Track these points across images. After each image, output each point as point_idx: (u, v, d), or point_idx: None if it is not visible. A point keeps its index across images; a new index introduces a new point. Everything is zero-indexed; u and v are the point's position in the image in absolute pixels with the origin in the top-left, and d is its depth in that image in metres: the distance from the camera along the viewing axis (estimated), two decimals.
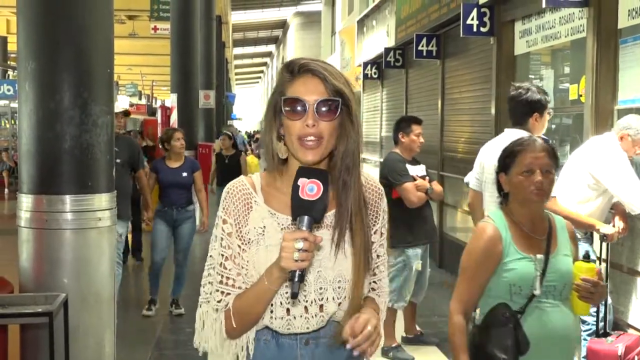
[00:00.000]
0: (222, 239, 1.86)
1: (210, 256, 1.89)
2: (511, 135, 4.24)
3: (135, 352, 5.66)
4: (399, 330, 5.68)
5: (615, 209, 4.58)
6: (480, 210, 4.42)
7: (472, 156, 7.85)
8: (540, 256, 2.57)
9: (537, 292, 2.53)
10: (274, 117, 1.85)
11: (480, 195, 4.43)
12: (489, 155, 4.30)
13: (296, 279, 1.67)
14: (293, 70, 1.82)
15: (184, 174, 6.66)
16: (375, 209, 1.95)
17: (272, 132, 1.86)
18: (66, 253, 3.92)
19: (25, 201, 3.94)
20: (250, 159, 12.21)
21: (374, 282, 1.99)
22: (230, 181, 4.56)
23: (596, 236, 4.66)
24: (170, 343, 5.96)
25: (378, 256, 1.97)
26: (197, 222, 7.04)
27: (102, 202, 4.00)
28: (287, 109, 1.79)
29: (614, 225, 4.47)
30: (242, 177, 1.94)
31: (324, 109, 1.77)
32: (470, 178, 4.63)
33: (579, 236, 4.15)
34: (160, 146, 6.96)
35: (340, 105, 1.79)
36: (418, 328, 5.87)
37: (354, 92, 1.86)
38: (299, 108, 1.77)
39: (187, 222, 6.72)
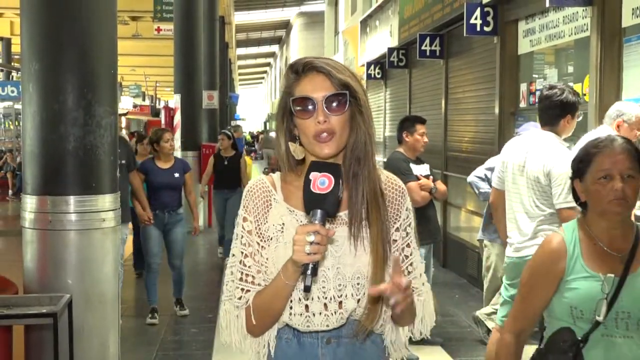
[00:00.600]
0: (242, 236, 1.88)
1: (233, 255, 1.90)
2: (538, 135, 4.18)
3: (140, 353, 5.67)
4: None
5: None
6: (502, 209, 4.35)
7: (476, 156, 7.87)
8: (610, 275, 2.18)
9: (600, 318, 2.15)
10: (284, 119, 1.87)
11: (503, 194, 4.35)
12: (512, 154, 4.24)
13: (309, 272, 1.68)
14: (298, 70, 1.84)
15: (176, 175, 6.48)
16: (396, 207, 1.93)
17: (282, 134, 1.88)
18: (70, 254, 3.93)
19: (30, 202, 3.94)
20: (247, 159, 12.06)
21: None
22: (229, 185, 4.60)
23: None
24: (175, 344, 5.96)
25: (406, 256, 1.94)
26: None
27: (106, 202, 4.01)
28: (297, 108, 1.81)
29: None
30: (262, 175, 1.96)
31: (332, 103, 1.79)
32: (493, 177, 4.52)
33: None
34: (150, 147, 6.77)
35: (348, 97, 1.80)
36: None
37: (361, 84, 1.87)
38: (308, 106, 1.80)
39: (178, 226, 6.50)
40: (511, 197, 4.21)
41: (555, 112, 4.10)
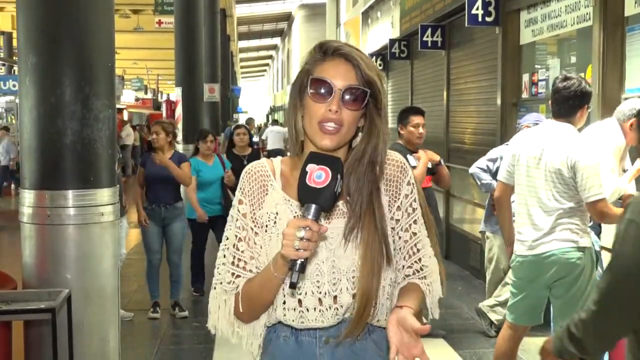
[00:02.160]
0: (236, 219, 1.82)
1: (226, 237, 1.84)
2: (555, 127, 3.99)
3: (141, 347, 5.66)
4: None
5: (626, 201, 4.49)
6: (507, 204, 4.23)
7: (478, 147, 7.84)
8: None
9: None
10: (298, 96, 1.79)
11: (511, 189, 4.18)
12: (526, 147, 4.04)
13: (296, 269, 1.61)
14: (327, 51, 1.76)
15: None
16: (395, 183, 1.84)
17: (297, 112, 1.80)
18: (69, 249, 3.90)
19: (28, 197, 3.92)
20: None
21: (416, 261, 1.87)
22: None
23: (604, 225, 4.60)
24: (176, 338, 5.95)
25: (414, 233, 1.86)
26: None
27: (105, 197, 3.98)
28: (312, 90, 1.73)
29: None
30: (263, 159, 1.88)
31: (350, 96, 1.72)
32: (500, 170, 4.31)
33: (590, 223, 4.06)
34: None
35: (368, 96, 1.73)
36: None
37: (384, 86, 1.80)
38: (324, 91, 1.72)
39: (177, 221, 6.41)
40: (524, 191, 4.02)
41: (574, 102, 3.96)
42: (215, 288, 1.86)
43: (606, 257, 4.98)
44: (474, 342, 5.69)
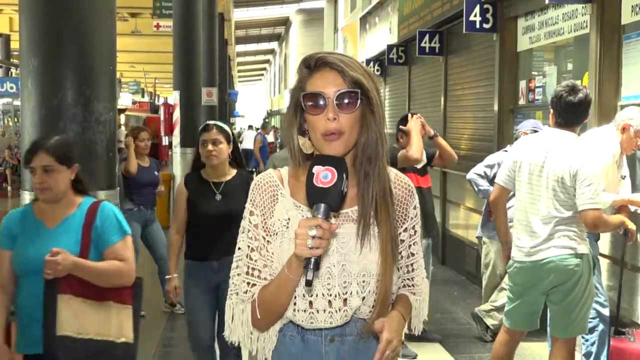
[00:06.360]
0: (248, 230, 1.88)
1: (239, 248, 1.90)
2: (558, 135, 3.97)
3: (139, 349, 5.66)
4: None
5: (621, 210, 4.51)
6: (503, 207, 4.24)
7: (475, 153, 7.87)
8: None
9: None
10: (295, 113, 1.86)
11: (507, 193, 4.20)
12: (528, 153, 4.02)
13: (311, 267, 1.67)
14: (310, 65, 1.83)
15: (156, 173, 6.76)
16: (404, 206, 1.93)
17: (294, 129, 1.87)
18: None
19: (28, 199, 3.93)
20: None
21: (408, 279, 2.00)
22: (223, 250, 3.84)
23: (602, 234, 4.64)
24: (174, 340, 5.96)
25: (412, 254, 1.96)
26: None
27: (104, 198, 3.99)
28: (308, 104, 1.80)
29: None
30: (270, 170, 1.95)
31: (344, 100, 1.77)
32: (499, 174, 4.28)
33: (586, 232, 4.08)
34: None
35: (359, 96, 1.79)
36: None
37: (375, 82, 1.85)
38: (319, 102, 1.78)
39: (156, 221, 6.73)
40: (524, 197, 4.01)
41: (582, 110, 3.96)
42: (231, 298, 1.91)
43: (604, 264, 5.02)
44: (470, 347, 5.71)
